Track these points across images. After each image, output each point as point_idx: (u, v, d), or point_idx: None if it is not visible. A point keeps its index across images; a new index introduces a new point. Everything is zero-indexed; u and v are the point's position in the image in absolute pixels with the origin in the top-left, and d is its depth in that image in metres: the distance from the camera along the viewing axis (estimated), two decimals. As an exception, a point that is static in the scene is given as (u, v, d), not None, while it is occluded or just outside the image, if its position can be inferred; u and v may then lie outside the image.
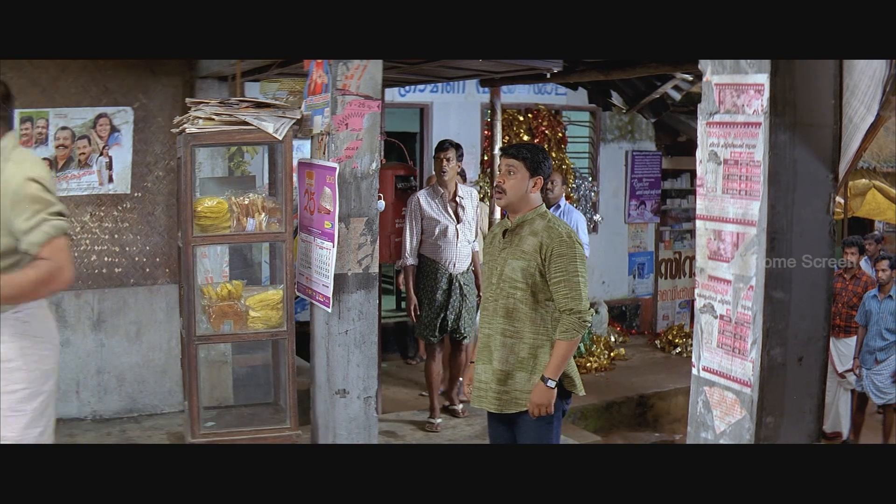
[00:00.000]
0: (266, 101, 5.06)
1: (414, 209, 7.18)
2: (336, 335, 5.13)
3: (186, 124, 4.90)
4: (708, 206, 2.87)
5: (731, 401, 2.77)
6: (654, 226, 13.17)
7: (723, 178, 2.80)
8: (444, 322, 7.27)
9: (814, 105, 2.70)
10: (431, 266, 7.23)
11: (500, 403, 4.44)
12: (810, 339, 2.75)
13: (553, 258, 4.32)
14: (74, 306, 7.24)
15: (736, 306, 2.76)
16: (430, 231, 7.17)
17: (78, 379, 7.28)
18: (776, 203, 2.63)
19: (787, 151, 2.65)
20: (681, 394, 10.71)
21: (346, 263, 5.07)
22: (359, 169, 5.09)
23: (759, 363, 2.66)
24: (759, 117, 2.65)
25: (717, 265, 2.84)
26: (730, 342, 2.79)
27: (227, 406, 6.14)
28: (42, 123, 6.99)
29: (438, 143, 7.37)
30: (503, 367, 4.42)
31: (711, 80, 2.82)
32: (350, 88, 5.01)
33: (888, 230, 15.25)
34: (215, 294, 5.06)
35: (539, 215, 4.46)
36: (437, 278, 7.21)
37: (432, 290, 7.23)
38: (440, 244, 7.18)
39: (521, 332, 4.40)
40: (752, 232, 2.68)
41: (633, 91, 8.55)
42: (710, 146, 2.84)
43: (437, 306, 7.23)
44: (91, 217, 7.22)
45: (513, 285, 4.40)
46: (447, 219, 7.20)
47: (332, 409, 5.16)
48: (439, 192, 7.23)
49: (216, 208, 4.95)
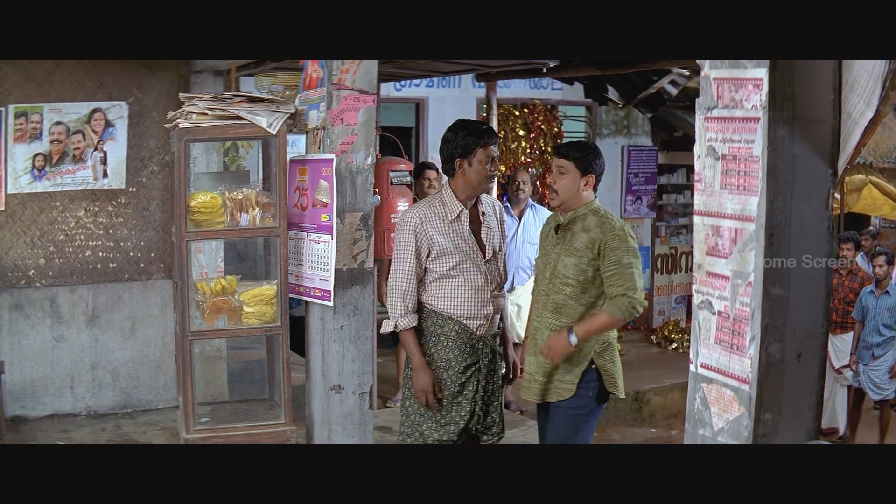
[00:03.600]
0: (260, 96, 5.03)
1: (407, 234, 4.59)
2: (331, 331, 5.12)
3: (180, 119, 4.87)
4: (706, 201, 2.84)
5: (729, 398, 2.74)
6: (651, 221, 13.18)
7: (721, 173, 2.77)
8: (467, 414, 4.61)
9: (813, 100, 2.67)
10: (442, 325, 4.62)
11: (543, 392, 4.54)
12: (809, 335, 2.73)
13: (606, 252, 4.36)
14: (69, 301, 7.24)
15: (734, 302, 2.73)
16: (446, 271, 4.58)
17: (72, 374, 7.27)
18: (775, 199, 2.61)
19: (786, 147, 2.63)
20: (677, 389, 10.70)
21: (341, 258, 5.05)
22: (354, 164, 5.07)
23: (757, 360, 2.64)
24: (757, 112, 2.63)
25: (715, 261, 2.82)
26: (728, 339, 2.76)
27: (221, 402, 6.11)
28: (36, 118, 6.98)
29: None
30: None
31: (710, 74, 2.80)
32: (345, 83, 4.99)
33: (884, 226, 15.25)
34: (209, 289, 5.03)
35: (591, 211, 4.49)
36: (453, 345, 4.59)
37: (445, 363, 4.59)
38: (460, 291, 4.60)
39: (567, 326, 4.42)
40: (751, 228, 2.66)
41: (629, 86, 8.52)
42: (708, 141, 2.81)
43: (454, 390, 4.58)
44: (86, 212, 7.20)
45: (564, 282, 4.44)
46: (468, 251, 4.62)
47: (328, 405, 5.15)
48: (453, 209, 4.62)
49: (210, 203, 4.93)
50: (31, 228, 7.04)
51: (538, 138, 12.03)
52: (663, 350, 11.86)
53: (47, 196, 7.06)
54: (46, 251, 7.10)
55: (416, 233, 4.53)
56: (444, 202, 4.60)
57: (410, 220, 4.56)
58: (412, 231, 4.53)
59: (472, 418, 4.58)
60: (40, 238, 7.07)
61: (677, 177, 13.55)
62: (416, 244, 4.52)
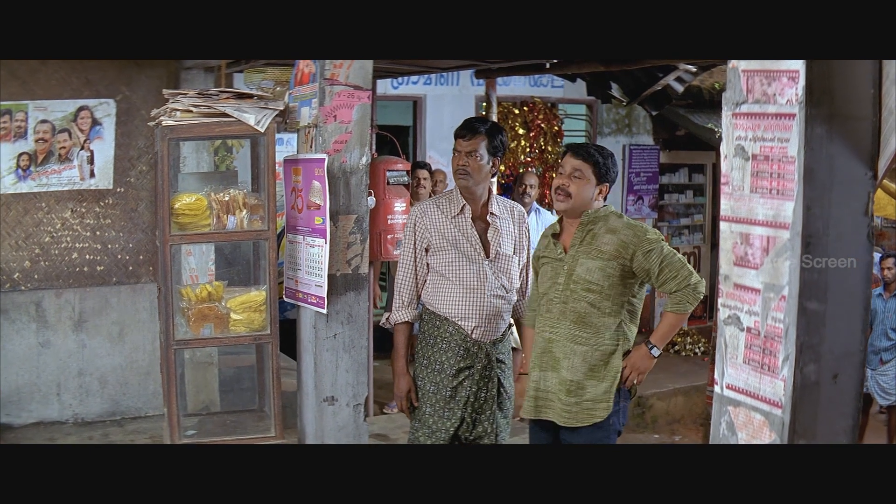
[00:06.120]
0: (248, 92, 4.86)
1: (409, 227, 4.59)
2: (324, 339, 4.94)
3: (163, 116, 4.68)
4: (734, 206, 2.58)
5: (758, 423, 2.49)
6: (652, 221, 13.03)
7: (751, 175, 2.50)
8: (457, 420, 4.47)
9: (851, 95, 2.41)
10: (438, 327, 4.52)
11: (570, 416, 4.13)
12: (846, 353, 2.48)
13: (647, 254, 4.07)
14: (55, 306, 7.05)
15: (765, 318, 2.47)
16: (440, 269, 4.50)
17: (58, 381, 7.09)
18: (812, 203, 2.35)
19: (824, 146, 2.37)
20: (680, 394, 10.58)
21: (334, 263, 4.88)
22: (348, 163, 4.90)
23: (791, 382, 2.39)
24: (793, 108, 2.36)
25: (744, 272, 2.56)
26: (758, 358, 2.51)
27: (209, 413, 5.94)
28: (21, 116, 6.82)
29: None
30: (573, 376, 4.13)
31: (738, 65, 2.54)
32: (339, 78, 4.82)
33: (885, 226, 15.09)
34: (194, 296, 4.85)
35: (613, 213, 4.22)
36: (447, 347, 4.48)
37: (439, 366, 4.48)
38: (454, 290, 4.48)
39: (593, 338, 4.12)
40: (785, 235, 2.40)
41: (633, 82, 8.32)
42: (736, 140, 2.55)
43: (446, 394, 4.45)
44: (72, 213, 7.02)
45: (586, 287, 4.11)
46: (469, 249, 4.51)
47: (320, 418, 4.99)
48: (457, 205, 4.55)
49: (194, 205, 4.77)
50: (16, 230, 6.86)
51: (538, 137, 11.93)
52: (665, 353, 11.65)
53: (32, 197, 6.88)
54: (31, 254, 6.92)
55: (415, 226, 4.54)
56: (451, 198, 4.56)
57: (413, 214, 4.58)
58: (413, 224, 4.55)
59: (461, 425, 4.44)
60: (25, 240, 6.89)
61: (679, 176, 13.47)
62: (415, 238, 4.53)
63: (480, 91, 10.22)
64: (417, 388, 4.50)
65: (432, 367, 4.45)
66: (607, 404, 4.11)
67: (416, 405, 4.48)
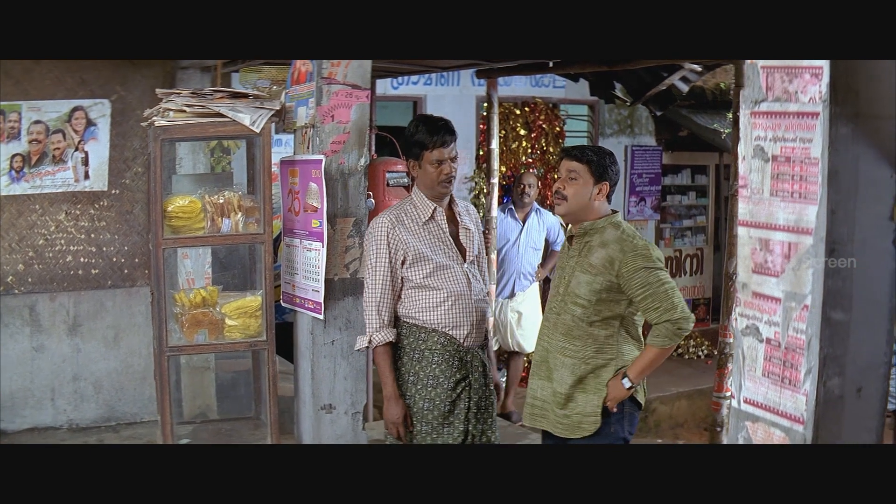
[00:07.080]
0: (243, 91, 4.76)
1: (378, 241, 4.22)
2: (321, 346, 4.85)
3: (156, 117, 4.57)
4: (752, 210, 2.45)
5: (779, 439, 2.36)
6: (655, 223, 12.94)
7: (771, 177, 2.37)
8: (461, 434, 4.23)
9: (875, 93, 2.29)
10: (425, 339, 4.24)
11: (563, 428, 4.11)
12: (870, 366, 2.35)
13: (631, 274, 3.94)
14: (49, 309, 6.97)
15: (786, 329, 2.34)
16: (420, 279, 4.22)
17: (53, 386, 7.01)
18: (836, 207, 2.22)
19: (849, 147, 2.24)
20: (683, 398, 10.49)
21: (332, 268, 4.80)
22: (346, 165, 4.82)
23: (814, 396, 2.26)
24: (816, 106, 2.23)
25: (763, 280, 2.43)
26: (778, 371, 2.38)
27: (204, 421, 5.83)
28: (14, 117, 6.74)
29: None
30: (563, 389, 4.08)
31: (757, 62, 2.41)
32: (336, 77, 4.74)
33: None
34: (188, 301, 4.75)
35: (611, 224, 4.08)
36: (439, 360, 4.22)
37: (433, 380, 4.20)
38: (441, 299, 4.22)
39: (581, 351, 4.04)
40: (808, 241, 2.27)
41: (637, 82, 8.20)
42: (755, 140, 2.42)
43: (444, 409, 4.20)
44: (66, 215, 6.93)
45: (574, 301, 4.04)
46: (449, 255, 4.29)
47: (318, 426, 4.91)
48: (426, 210, 4.28)
49: (188, 208, 4.67)
50: (9, 233, 6.77)
51: (539, 138, 11.84)
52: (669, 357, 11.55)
53: (26, 199, 6.80)
54: (25, 256, 6.83)
55: (388, 238, 4.17)
56: (415, 203, 4.27)
57: (381, 226, 4.20)
58: (384, 237, 4.17)
59: (466, 438, 4.21)
60: (18, 243, 6.80)
61: (682, 177, 13.37)
62: (389, 251, 4.17)
63: (481, 91, 10.14)
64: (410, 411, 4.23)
65: (423, 384, 4.18)
66: (595, 418, 4.05)
67: (412, 429, 4.21)
